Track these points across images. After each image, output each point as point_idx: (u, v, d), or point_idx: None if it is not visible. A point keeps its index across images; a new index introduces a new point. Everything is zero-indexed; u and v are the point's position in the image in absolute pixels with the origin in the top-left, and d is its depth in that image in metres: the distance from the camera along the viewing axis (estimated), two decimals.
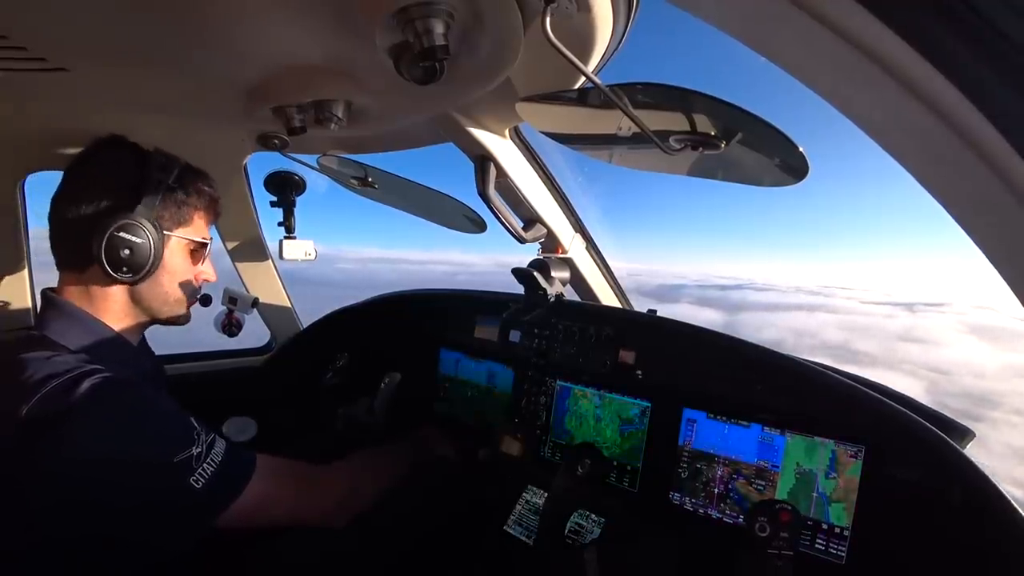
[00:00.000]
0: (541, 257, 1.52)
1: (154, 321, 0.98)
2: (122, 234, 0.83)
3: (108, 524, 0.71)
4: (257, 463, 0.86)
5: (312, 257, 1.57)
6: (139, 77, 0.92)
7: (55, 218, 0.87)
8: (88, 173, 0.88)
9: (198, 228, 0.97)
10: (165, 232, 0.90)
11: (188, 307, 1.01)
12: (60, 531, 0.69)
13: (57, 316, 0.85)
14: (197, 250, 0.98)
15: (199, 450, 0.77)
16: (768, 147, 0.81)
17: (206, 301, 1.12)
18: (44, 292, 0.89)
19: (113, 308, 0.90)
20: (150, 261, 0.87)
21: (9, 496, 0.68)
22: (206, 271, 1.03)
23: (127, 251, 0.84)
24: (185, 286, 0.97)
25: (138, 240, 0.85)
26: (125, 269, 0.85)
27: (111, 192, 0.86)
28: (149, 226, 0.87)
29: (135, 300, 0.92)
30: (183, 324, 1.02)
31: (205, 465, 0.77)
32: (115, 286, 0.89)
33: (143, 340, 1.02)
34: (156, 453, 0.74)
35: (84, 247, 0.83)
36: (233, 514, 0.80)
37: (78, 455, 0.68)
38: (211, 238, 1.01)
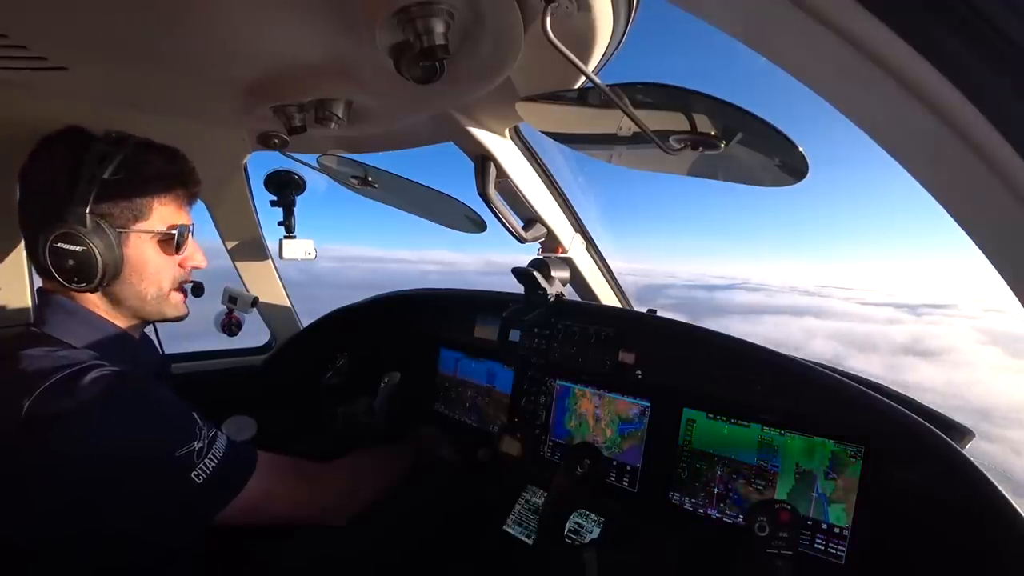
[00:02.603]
0: (541, 257, 1.52)
1: (146, 320, 0.94)
2: (60, 244, 0.78)
3: (110, 518, 0.71)
4: (258, 459, 0.86)
5: (312, 256, 1.58)
6: (139, 76, 0.92)
7: (20, 228, 0.85)
8: (29, 180, 0.83)
9: (163, 216, 0.87)
10: (120, 230, 0.83)
11: (180, 300, 0.95)
12: (63, 525, 0.69)
13: (55, 313, 0.84)
14: (168, 240, 0.88)
15: (200, 445, 0.77)
16: (768, 147, 0.81)
17: (198, 291, 1.04)
18: (40, 290, 0.88)
19: (100, 309, 0.87)
20: (100, 268, 0.80)
21: (12, 491, 0.67)
22: (192, 258, 0.94)
23: (71, 262, 0.78)
24: (163, 280, 0.90)
25: (78, 248, 0.78)
26: (76, 280, 0.80)
27: (46, 199, 0.80)
28: (88, 232, 0.79)
29: (114, 303, 0.88)
30: (178, 320, 0.96)
31: (207, 460, 0.76)
32: (86, 293, 0.84)
33: (145, 335, 1.00)
34: (158, 447, 0.74)
35: (39, 259, 0.80)
36: (233, 510, 0.80)
37: (80, 449, 0.68)
38: (185, 223, 0.91)
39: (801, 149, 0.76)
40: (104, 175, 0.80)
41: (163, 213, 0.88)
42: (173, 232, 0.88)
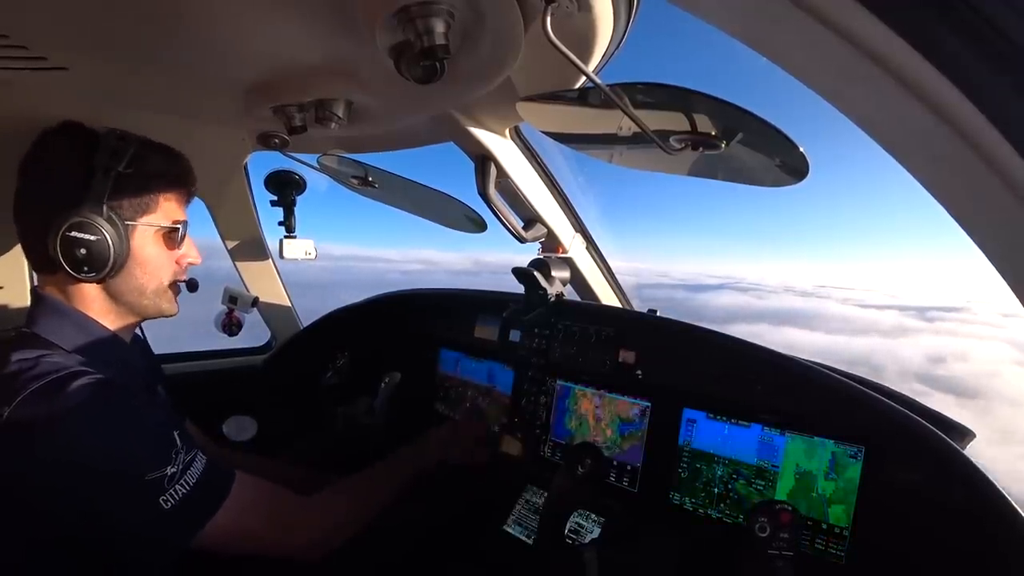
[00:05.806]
0: (541, 256, 1.52)
1: (140, 318, 0.93)
2: (74, 233, 0.79)
3: (83, 531, 0.70)
4: (232, 492, 0.80)
5: (312, 256, 1.58)
6: (139, 76, 0.92)
7: (17, 222, 0.84)
8: (36, 170, 0.83)
9: (167, 211, 0.90)
10: (128, 223, 0.85)
11: (173, 297, 0.96)
12: (35, 533, 0.68)
13: (46, 313, 0.83)
14: (170, 235, 0.91)
15: (174, 469, 0.73)
16: (768, 147, 0.81)
17: (192, 286, 1.05)
18: (34, 289, 0.88)
19: (94, 307, 0.87)
20: (111, 257, 0.82)
21: None
22: (188, 254, 0.96)
23: (83, 250, 0.79)
24: (163, 274, 0.92)
25: (92, 237, 0.80)
26: (86, 269, 0.81)
27: (58, 189, 0.81)
28: (103, 221, 0.81)
29: (112, 297, 0.88)
30: (170, 316, 0.96)
31: (178, 486, 0.73)
32: (88, 285, 0.85)
33: (136, 337, 0.99)
34: (129, 467, 0.71)
35: (45, 250, 0.80)
36: (203, 540, 0.76)
37: (54, 458, 0.67)
38: (185, 219, 0.94)
39: (801, 149, 0.76)
40: (119, 167, 0.82)
41: (167, 208, 0.91)
42: (177, 227, 0.91)
